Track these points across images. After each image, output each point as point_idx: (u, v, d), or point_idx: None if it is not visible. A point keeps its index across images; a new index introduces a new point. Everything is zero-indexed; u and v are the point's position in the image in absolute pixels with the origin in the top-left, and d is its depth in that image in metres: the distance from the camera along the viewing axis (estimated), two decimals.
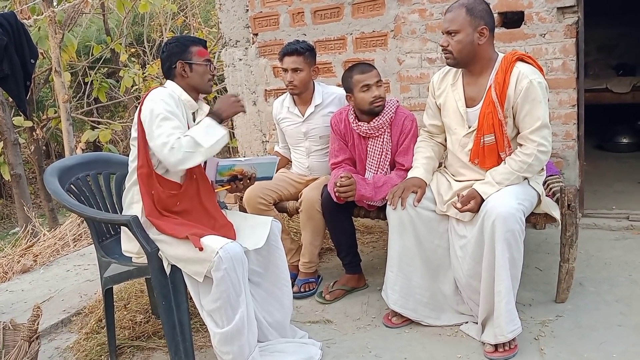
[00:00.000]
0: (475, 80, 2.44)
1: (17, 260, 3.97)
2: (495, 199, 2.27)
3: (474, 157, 2.44)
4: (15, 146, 5.76)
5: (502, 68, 2.35)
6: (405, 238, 2.47)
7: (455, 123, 2.50)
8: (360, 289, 2.95)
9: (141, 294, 3.00)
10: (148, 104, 2.22)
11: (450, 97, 2.51)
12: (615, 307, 2.54)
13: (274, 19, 3.93)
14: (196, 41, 2.39)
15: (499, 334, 2.25)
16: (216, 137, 2.21)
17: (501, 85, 2.33)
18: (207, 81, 2.38)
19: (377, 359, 2.34)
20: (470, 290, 2.43)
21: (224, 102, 2.33)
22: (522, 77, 2.31)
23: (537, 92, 2.30)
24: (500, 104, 2.34)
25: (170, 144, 2.13)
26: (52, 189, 2.38)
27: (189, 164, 2.19)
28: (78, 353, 2.62)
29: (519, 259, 2.26)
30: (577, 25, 3.17)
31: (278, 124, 3.24)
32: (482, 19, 2.34)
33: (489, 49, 2.40)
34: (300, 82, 2.99)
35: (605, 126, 5.35)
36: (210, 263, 2.12)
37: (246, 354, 2.19)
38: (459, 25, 2.33)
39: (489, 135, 2.38)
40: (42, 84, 8.62)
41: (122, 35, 9.04)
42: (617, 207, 3.59)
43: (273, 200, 3.00)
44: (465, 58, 2.38)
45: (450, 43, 2.36)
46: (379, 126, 2.76)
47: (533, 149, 2.33)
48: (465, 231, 2.40)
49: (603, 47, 6.04)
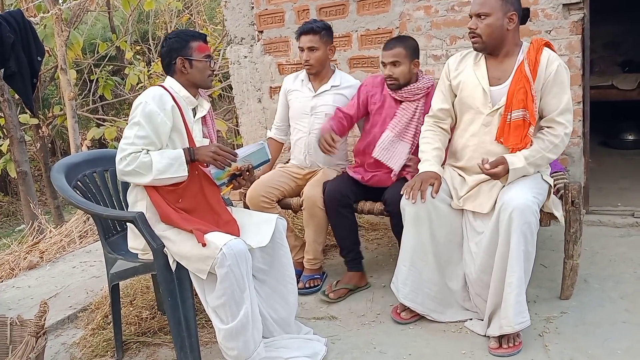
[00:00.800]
0: (499, 63, 2.44)
1: (24, 257, 4.00)
2: (512, 191, 2.28)
3: (499, 136, 2.41)
4: (21, 143, 5.78)
5: (533, 48, 2.36)
6: (421, 232, 2.46)
7: (478, 102, 2.45)
8: (362, 288, 2.95)
9: (147, 290, 3.01)
10: (135, 103, 2.25)
11: (471, 76, 2.48)
12: (620, 304, 2.53)
13: (279, 16, 3.94)
14: (196, 36, 2.38)
15: (505, 325, 2.25)
16: (172, 174, 2.22)
17: (533, 62, 2.34)
18: (207, 77, 2.38)
19: (382, 355, 2.35)
20: (479, 286, 2.43)
21: (206, 149, 2.29)
22: (552, 59, 2.35)
23: (565, 76, 2.35)
24: (533, 79, 2.34)
25: (127, 152, 2.17)
26: (59, 185, 2.40)
27: (132, 180, 2.24)
28: (84, 349, 2.63)
29: (532, 252, 2.27)
30: (583, 21, 3.16)
31: (286, 96, 3.21)
32: (513, 4, 2.35)
33: (515, 36, 2.41)
34: (316, 61, 3.00)
35: (611, 123, 5.33)
36: (213, 260, 2.13)
37: (251, 350, 2.21)
38: (490, 9, 2.33)
39: (518, 111, 2.35)
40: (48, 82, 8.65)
41: (128, 32, 9.06)
42: (622, 204, 3.59)
43: (276, 197, 3.01)
44: (493, 42, 2.38)
45: (479, 26, 2.35)
46: (415, 91, 2.79)
47: (561, 131, 2.35)
48: (484, 227, 2.39)
49: (609, 44, 6.02)
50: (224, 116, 9.07)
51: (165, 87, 2.34)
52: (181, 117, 2.30)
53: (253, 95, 4.19)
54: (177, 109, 2.29)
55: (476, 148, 2.47)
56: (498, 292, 2.31)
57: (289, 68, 3.96)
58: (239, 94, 4.26)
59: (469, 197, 2.45)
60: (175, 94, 2.32)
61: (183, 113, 2.32)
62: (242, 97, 4.25)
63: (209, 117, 2.49)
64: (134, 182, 2.26)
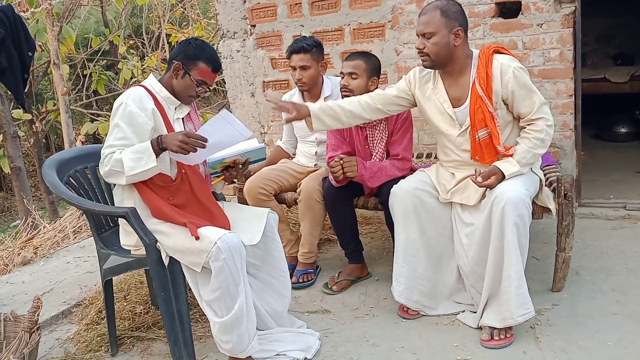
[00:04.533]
0: (455, 80, 2.45)
1: (18, 252, 3.99)
2: (504, 185, 2.29)
3: (473, 155, 2.45)
4: (15, 139, 5.75)
5: (482, 62, 2.37)
6: (410, 229, 2.48)
7: (447, 124, 2.49)
8: (364, 279, 2.97)
9: (141, 285, 3.02)
10: (115, 104, 2.24)
11: (433, 100, 2.51)
12: (611, 296, 2.55)
13: (271, 10, 3.93)
14: (209, 61, 2.30)
15: (508, 317, 2.26)
16: (143, 167, 2.14)
17: (484, 79, 2.35)
18: (187, 95, 2.34)
19: (375, 348, 2.36)
20: (474, 278, 2.45)
21: (174, 137, 2.15)
22: (505, 67, 2.34)
23: (525, 77, 2.36)
24: (487, 97, 2.35)
25: (105, 154, 2.19)
26: (50, 181, 2.39)
27: (113, 181, 2.25)
28: (78, 344, 2.63)
29: (525, 244, 2.29)
30: (575, 14, 3.17)
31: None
32: (457, 20, 2.35)
33: (464, 49, 2.41)
34: (309, 79, 3.00)
35: (604, 116, 5.35)
36: (208, 253, 2.14)
37: (245, 343, 2.22)
38: (435, 28, 2.34)
39: (482, 130, 2.39)
40: (40, 77, 8.59)
41: (121, 27, 9.00)
42: (615, 196, 3.61)
43: (274, 190, 3.01)
44: (442, 60, 2.39)
45: (426, 45, 2.37)
46: None
47: (542, 125, 2.36)
48: (472, 218, 2.41)
49: (601, 36, 6.03)
50: (218, 110, 9.05)
51: (145, 87, 2.32)
52: (162, 117, 2.28)
53: (246, 89, 4.18)
54: (158, 110, 2.27)
55: (461, 163, 2.51)
56: (493, 285, 2.33)
57: (281, 62, 3.95)
58: (232, 88, 4.26)
59: (456, 190, 2.47)
60: (156, 94, 2.31)
61: (165, 113, 2.30)
62: (235, 92, 4.25)
63: (194, 113, 2.48)
64: (117, 183, 2.27)
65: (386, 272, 2.98)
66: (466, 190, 2.44)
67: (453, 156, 2.54)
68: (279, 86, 4.05)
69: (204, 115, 6.67)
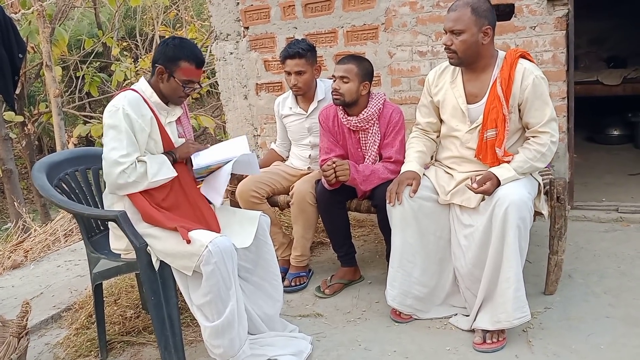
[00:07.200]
0: (476, 77, 2.43)
1: (8, 256, 3.96)
2: (507, 187, 2.29)
3: (478, 153, 2.43)
4: (7, 141, 5.73)
5: (507, 64, 2.35)
6: (408, 234, 2.46)
7: (457, 120, 2.48)
8: (356, 282, 2.96)
9: (131, 289, 2.99)
10: (110, 109, 2.21)
11: (449, 94, 2.49)
12: (604, 299, 2.55)
13: (264, 12, 3.91)
14: (190, 58, 2.27)
15: (504, 320, 2.25)
16: (164, 176, 2.24)
17: (507, 80, 2.33)
18: (177, 97, 2.32)
19: (367, 352, 2.35)
20: (470, 280, 2.44)
21: (182, 149, 2.36)
22: (527, 73, 2.33)
23: (544, 87, 2.34)
24: (505, 99, 2.33)
25: (124, 166, 2.16)
26: (40, 184, 2.37)
27: (127, 191, 2.23)
28: (68, 349, 2.61)
29: (525, 248, 2.29)
30: (568, 17, 3.17)
31: (281, 120, 3.22)
32: (487, 18, 2.32)
33: (491, 48, 2.39)
34: (304, 84, 2.98)
35: (596, 118, 5.36)
36: (199, 257, 2.12)
37: (237, 347, 2.20)
38: (464, 25, 2.30)
39: (491, 130, 2.37)
40: (33, 79, 8.55)
41: (114, 29, 8.98)
42: (607, 199, 3.61)
43: (266, 193, 3.00)
44: (469, 58, 2.36)
45: (454, 42, 2.33)
46: (367, 119, 2.76)
47: (546, 140, 2.35)
48: (471, 220, 2.40)
49: (594, 39, 6.03)
50: (212, 113, 9.03)
51: (138, 91, 2.29)
52: (157, 123, 2.28)
53: (239, 92, 4.16)
54: (154, 117, 2.26)
55: (462, 160, 2.50)
56: (490, 287, 2.32)
57: (275, 65, 3.94)
58: (225, 90, 4.24)
59: (456, 192, 2.46)
60: (147, 99, 2.29)
61: (158, 118, 2.29)
62: (228, 94, 4.23)
63: (184, 117, 2.46)
64: (127, 193, 2.23)
65: (379, 275, 2.98)
66: (466, 192, 2.41)
67: (455, 152, 2.52)
68: (272, 89, 4.04)
69: (197, 117, 6.64)
